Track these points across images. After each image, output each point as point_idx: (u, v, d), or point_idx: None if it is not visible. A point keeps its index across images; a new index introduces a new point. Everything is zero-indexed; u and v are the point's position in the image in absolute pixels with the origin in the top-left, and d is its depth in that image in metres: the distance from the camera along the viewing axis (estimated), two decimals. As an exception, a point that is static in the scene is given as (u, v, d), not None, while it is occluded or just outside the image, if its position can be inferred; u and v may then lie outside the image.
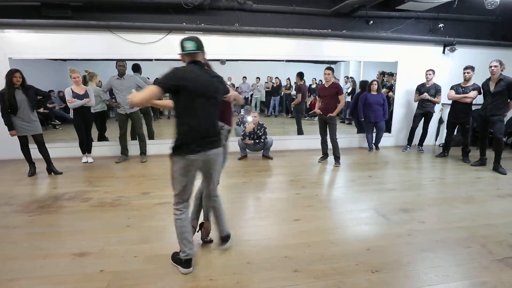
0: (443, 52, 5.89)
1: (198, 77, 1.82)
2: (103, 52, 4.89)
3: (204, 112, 1.86)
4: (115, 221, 2.78)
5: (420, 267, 2.06)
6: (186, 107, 1.80)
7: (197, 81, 1.80)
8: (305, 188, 3.64)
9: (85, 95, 4.46)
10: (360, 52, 5.65)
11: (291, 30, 5.17)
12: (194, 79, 1.79)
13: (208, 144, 1.89)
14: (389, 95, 6.03)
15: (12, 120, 3.86)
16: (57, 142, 5.24)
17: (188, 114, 1.81)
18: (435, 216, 2.86)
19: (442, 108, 6.00)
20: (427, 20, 5.68)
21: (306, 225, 2.70)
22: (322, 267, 2.06)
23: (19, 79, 3.79)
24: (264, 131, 4.93)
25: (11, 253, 2.27)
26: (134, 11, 4.78)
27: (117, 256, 2.21)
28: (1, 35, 4.59)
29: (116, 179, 4.07)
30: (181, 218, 1.96)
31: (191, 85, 1.77)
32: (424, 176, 4.26)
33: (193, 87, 1.78)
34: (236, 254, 2.23)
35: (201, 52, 1.89)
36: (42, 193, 3.61)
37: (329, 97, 4.48)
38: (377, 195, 3.41)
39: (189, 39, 1.85)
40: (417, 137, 5.67)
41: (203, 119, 1.86)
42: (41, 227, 2.69)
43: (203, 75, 1.86)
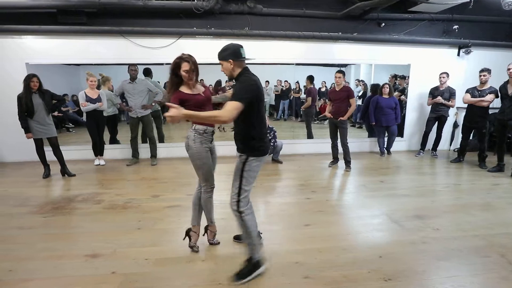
0: (458, 55, 5.76)
1: (260, 84, 1.92)
2: (115, 56, 4.99)
3: (264, 116, 2.00)
4: (126, 223, 2.81)
5: (435, 277, 2.00)
6: (258, 114, 1.91)
7: (261, 88, 1.92)
8: (315, 193, 3.60)
9: (97, 99, 4.56)
10: (372, 55, 5.59)
11: (301, 34, 5.15)
12: (260, 86, 1.90)
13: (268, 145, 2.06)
14: (401, 98, 5.92)
15: (29, 123, 3.97)
16: (71, 145, 5.36)
17: (260, 119, 1.94)
18: (450, 224, 2.78)
19: (457, 112, 5.86)
20: (441, 22, 5.57)
21: (316, 230, 2.66)
22: (333, 274, 2.02)
23: (36, 83, 3.90)
24: (273, 134, 4.91)
25: (26, 253, 2.32)
26: (145, 17, 4.86)
27: (128, 258, 2.23)
28: (18, 41, 4.75)
29: (127, 181, 4.13)
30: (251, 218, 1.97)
31: (262, 92, 1.90)
32: (438, 182, 4.15)
33: (262, 95, 1.91)
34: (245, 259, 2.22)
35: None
36: (56, 194, 3.69)
37: (340, 101, 4.44)
38: (389, 201, 3.34)
39: (242, 46, 1.93)
40: (431, 142, 5.54)
41: (265, 122, 2.02)
42: (55, 228, 2.75)
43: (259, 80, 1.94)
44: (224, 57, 1.89)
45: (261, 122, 1.95)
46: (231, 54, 1.87)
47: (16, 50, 4.76)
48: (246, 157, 1.93)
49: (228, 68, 1.90)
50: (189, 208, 3.10)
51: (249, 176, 1.93)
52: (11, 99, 3.98)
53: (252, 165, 1.93)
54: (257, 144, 1.92)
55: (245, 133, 1.93)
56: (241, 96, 1.76)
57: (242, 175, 1.92)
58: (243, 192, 1.93)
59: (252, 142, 1.92)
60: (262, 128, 1.96)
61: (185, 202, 3.27)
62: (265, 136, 1.99)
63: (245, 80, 1.86)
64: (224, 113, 1.70)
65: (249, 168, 1.93)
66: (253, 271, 1.97)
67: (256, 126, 1.92)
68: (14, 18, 4.59)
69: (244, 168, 1.92)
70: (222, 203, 2.76)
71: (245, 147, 1.94)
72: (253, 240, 1.97)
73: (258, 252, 1.99)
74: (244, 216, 1.93)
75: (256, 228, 2.01)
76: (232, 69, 1.89)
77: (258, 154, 1.94)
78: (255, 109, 1.86)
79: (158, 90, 4.91)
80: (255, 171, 1.96)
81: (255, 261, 1.99)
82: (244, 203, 1.94)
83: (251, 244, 1.97)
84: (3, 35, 4.68)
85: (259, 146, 1.93)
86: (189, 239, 2.33)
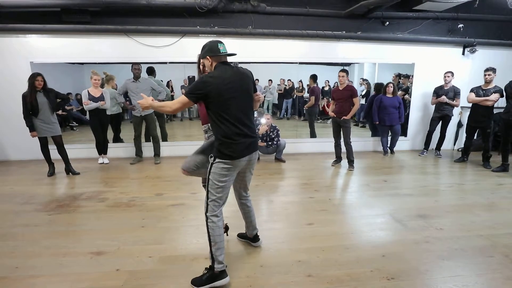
0: (463, 54, 5.72)
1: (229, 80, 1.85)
2: (119, 55, 5.01)
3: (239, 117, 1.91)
4: (130, 221, 2.84)
5: (438, 276, 2.00)
6: (224, 114, 1.84)
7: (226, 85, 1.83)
8: (318, 192, 3.61)
9: (100, 97, 4.58)
10: (376, 53, 5.57)
11: (305, 32, 5.15)
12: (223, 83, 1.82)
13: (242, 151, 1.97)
14: (405, 97, 5.90)
15: (33, 122, 4.00)
16: (74, 143, 5.40)
17: (226, 120, 1.86)
18: (454, 223, 2.77)
19: (461, 111, 5.82)
20: (446, 21, 5.53)
21: (319, 229, 2.66)
22: (336, 272, 2.03)
23: (40, 82, 3.93)
24: (277, 133, 4.91)
25: (33, 250, 2.34)
26: (149, 15, 4.87)
27: (132, 255, 2.25)
28: (23, 40, 4.79)
29: (131, 180, 4.15)
30: (216, 228, 1.87)
31: (224, 90, 1.81)
32: (442, 181, 4.13)
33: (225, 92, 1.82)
34: (249, 257, 2.23)
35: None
36: (61, 192, 3.72)
37: (344, 100, 4.43)
38: (392, 200, 3.34)
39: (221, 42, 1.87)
40: (434, 141, 5.52)
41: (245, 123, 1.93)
42: (60, 226, 2.77)
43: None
44: (202, 55, 1.87)
45: (229, 123, 1.78)
46: (208, 51, 1.82)
47: (20, 49, 4.80)
48: (214, 159, 1.84)
49: (208, 66, 1.86)
50: (192, 207, 3.15)
51: (214, 179, 1.83)
52: (16, 98, 4.03)
53: (217, 168, 1.82)
54: (222, 146, 1.80)
55: (214, 133, 1.86)
56: (188, 91, 1.76)
57: (209, 177, 1.86)
58: (210, 195, 1.86)
59: (218, 143, 1.82)
60: (232, 129, 1.79)
61: (189, 201, 3.29)
62: (237, 138, 1.81)
63: (204, 76, 1.80)
64: (169, 104, 1.79)
65: (215, 171, 1.83)
66: (211, 281, 1.85)
67: (222, 126, 1.78)
68: (19, 17, 4.63)
69: (211, 170, 1.85)
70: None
71: (215, 148, 1.85)
72: (213, 249, 1.86)
73: (218, 264, 1.86)
74: (209, 222, 1.86)
75: (220, 239, 1.86)
76: (212, 66, 1.85)
77: (224, 158, 1.80)
78: (215, 108, 1.78)
79: (161, 89, 4.93)
80: (222, 175, 1.82)
81: (217, 271, 1.86)
82: (211, 208, 1.86)
83: (211, 253, 1.86)
84: (8, 34, 4.72)
85: (225, 149, 1.80)
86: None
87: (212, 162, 1.85)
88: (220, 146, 1.81)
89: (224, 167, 1.82)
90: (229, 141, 1.79)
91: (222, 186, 1.85)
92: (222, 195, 1.88)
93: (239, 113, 1.82)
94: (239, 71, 1.87)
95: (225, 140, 1.79)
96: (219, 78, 1.76)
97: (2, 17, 4.59)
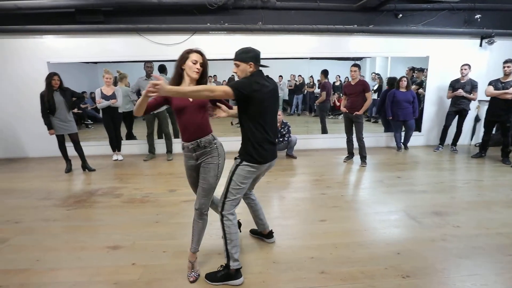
0: (480, 45, 5.52)
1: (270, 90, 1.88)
2: (131, 54, 5.08)
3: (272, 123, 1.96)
4: (144, 216, 2.89)
5: (455, 275, 1.95)
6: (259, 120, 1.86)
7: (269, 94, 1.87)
8: (330, 188, 3.58)
9: (112, 95, 4.66)
10: (388, 47, 5.44)
11: (315, 27, 5.08)
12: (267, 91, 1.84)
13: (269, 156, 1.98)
14: (419, 92, 5.76)
15: (51, 120, 4.12)
16: (90, 141, 5.53)
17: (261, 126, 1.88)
18: (472, 221, 2.70)
19: (478, 105, 5.64)
20: (462, 11, 5.35)
21: (332, 226, 2.65)
22: (350, 269, 2.01)
23: (57, 81, 4.03)
24: (288, 129, 4.89)
25: (52, 244, 2.43)
26: (160, 14, 4.91)
27: (147, 250, 2.30)
28: (40, 41, 4.92)
29: (145, 176, 4.23)
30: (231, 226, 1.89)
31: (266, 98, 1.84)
32: (458, 177, 4.03)
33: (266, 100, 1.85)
34: (261, 253, 2.24)
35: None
36: (78, 188, 3.83)
37: (356, 95, 4.36)
38: (406, 197, 3.28)
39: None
40: (450, 136, 5.37)
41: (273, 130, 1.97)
42: (77, 221, 2.86)
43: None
44: (244, 59, 1.81)
45: (263, 129, 1.83)
46: (254, 58, 1.82)
47: (37, 49, 4.94)
48: (240, 161, 1.87)
49: (245, 70, 1.83)
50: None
51: (237, 180, 1.86)
52: (34, 97, 4.13)
53: (243, 170, 1.86)
54: (253, 150, 1.83)
55: (244, 136, 1.87)
56: (235, 85, 1.70)
57: (232, 178, 1.87)
58: (230, 195, 1.87)
59: (249, 147, 1.83)
60: (264, 135, 1.84)
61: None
62: (266, 145, 1.86)
63: (252, 77, 1.79)
64: (210, 88, 1.63)
65: (240, 173, 1.86)
66: (226, 280, 1.88)
67: (256, 132, 1.82)
68: (35, 18, 4.75)
69: (236, 171, 1.87)
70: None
71: (242, 150, 1.88)
72: (229, 247, 1.87)
73: (234, 261, 1.87)
74: (225, 220, 1.87)
75: (235, 237, 1.89)
76: (248, 72, 1.83)
77: (253, 161, 1.85)
78: (253, 112, 1.79)
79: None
80: (246, 177, 1.88)
81: (232, 270, 1.87)
82: (228, 207, 1.88)
83: (227, 252, 1.87)
84: (25, 35, 4.86)
85: (256, 153, 1.83)
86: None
87: (237, 164, 1.88)
88: (252, 150, 1.83)
89: (250, 170, 1.87)
90: (260, 146, 1.84)
91: (243, 188, 1.90)
92: (241, 195, 1.92)
93: (271, 121, 1.90)
94: (272, 80, 1.93)
95: (257, 145, 1.83)
96: (263, 86, 1.80)
97: (20, 19, 4.72)
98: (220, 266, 1.94)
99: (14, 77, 5.03)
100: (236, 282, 1.88)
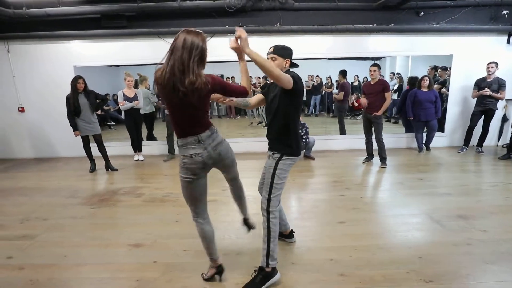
0: (508, 42, 5.27)
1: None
2: (153, 57, 5.20)
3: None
4: (165, 216, 2.97)
5: (481, 281, 1.88)
6: (298, 112, 1.98)
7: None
8: (349, 190, 3.53)
9: (134, 98, 4.81)
10: (409, 46, 5.30)
11: (334, 27, 5.02)
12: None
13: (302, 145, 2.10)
14: (442, 91, 5.57)
15: (76, 121, 4.30)
16: (112, 142, 5.73)
17: (299, 117, 2.01)
18: (499, 225, 2.58)
19: (506, 104, 5.39)
20: (488, 7, 5.12)
21: (351, 228, 2.61)
22: (370, 272, 1.98)
23: (82, 84, 4.21)
24: (305, 131, 4.86)
25: (78, 241, 2.54)
26: (180, 17, 5.02)
27: (168, 248, 2.36)
28: (67, 46, 5.17)
29: (165, 176, 4.34)
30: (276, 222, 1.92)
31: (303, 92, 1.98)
32: (484, 180, 3.86)
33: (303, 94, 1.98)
34: (280, 254, 2.23)
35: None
36: (102, 187, 3.98)
37: (375, 95, 4.29)
38: (429, 200, 3.18)
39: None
40: (476, 137, 5.16)
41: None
42: (101, 219, 2.98)
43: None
44: (283, 55, 1.92)
45: (299, 120, 1.97)
46: (290, 55, 1.96)
47: (65, 54, 5.19)
48: (281, 156, 1.92)
49: (280, 65, 1.90)
50: (224, 203, 3.22)
51: (281, 174, 1.91)
52: (63, 99, 4.30)
53: (285, 164, 1.92)
54: (294, 142, 1.91)
55: (285, 129, 1.91)
56: (295, 78, 1.78)
57: (275, 173, 1.90)
58: (275, 190, 1.90)
59: (290, 140, 1.91)
60: (299, 127, 1.99)
61: (220, 197, 3.37)
62: (300, 135, 1.99)
63: (294, 73, 1.87)
64: (280, 71, 1.69)
65: (282, 167, 1.92)
66: (266, 280, 1.85)
67: (296, 122, 1.94)
68: (63, 24, 4.99)
69: (278, 166, 1.91)
70: (256, 198, 2.80)
71: (282, 145, 1.92)
72: (271, 246, 1.87)
73: (272, 260, 1.87)
74: (271, 217, 1.88)
75: (277, 235, 1.92)
76: (283, 68, 1.91)
77: (293, 154, 1.93)
78: (298, 104, 1.91)
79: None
80: (287, 170, 1.95)
81: (268, 270, 1.86)
82: (274, 202, 1.90)
83: (268, 250, 1.86)
84: (54, 40, 5.12)
85: (296, 144, 1.93)
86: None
87: (278, 159, 1.92)
88: (293, 143, 1.91)
89: (291, 163, 1.95)
90: (297, 138, 1.95)
91: (285, 182, 1.96)
92: (283, 189, 1.98)
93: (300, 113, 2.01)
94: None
95: (296, 137, 1.94)
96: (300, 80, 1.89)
97: (49, 25, 4.98)
98: (254, 271, 1.91)
99: (44, 80, 5.31)
100: (275, 279, 1.88)
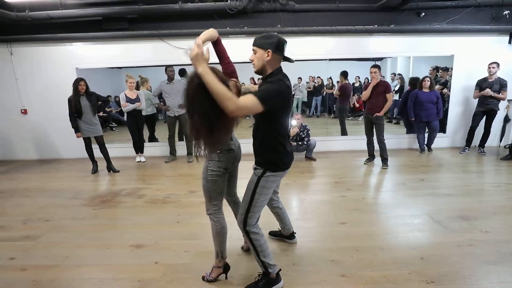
0: (509, 42, 5.25)
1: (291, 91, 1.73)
2: (154, 59, 5.26)
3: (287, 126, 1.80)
4: (166, 217, 2.98)
5: (484, 281, 1.87)
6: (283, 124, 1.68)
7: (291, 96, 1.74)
8: (350, 191, 3.53)
9: (136, 99, 4.83)
10: (410, 47, 5.30)
11: (335, 28, 5.03)
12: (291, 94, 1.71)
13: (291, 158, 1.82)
14: (444, 92, 5.56)
15: (78, 123, 4.32)
16: (114, 143, 5.75)
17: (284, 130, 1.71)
18: (501, 226, 2.57)
19: (508, 105, 5.37)
20: (489, 8, 5.11)
21: (353, 229, 2.61)
22: (372, 273, 1.98)
23: (83, 86, 4.23)
24: (307, 133, 4.86)
25: (80, 242, 2.55)
26: (181, 19, 5.04)
27: (169, 249, 2.36)
28: (69, 48, 5.20)
29: (166, 177, 4.35)
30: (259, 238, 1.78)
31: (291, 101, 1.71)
32: (486, 180, 3.85)
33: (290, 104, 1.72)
34: (281, 255, 2.25)
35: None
36: (103, 189, 4.00)
37: (376, 96, 4.28)
38: (430, 200, 3.17)
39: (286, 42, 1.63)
40: (477, 138, 5.14)
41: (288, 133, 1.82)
42: (103, 220, 2.98)
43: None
44: (262, 45, 1.57)
45: (285, 133, 1.70)
46: (272, 44, 1.55)
47: (67, 56, 5.22)
48: (263, 171, 1.69)
49: (261, 59, 1.58)
50: (225, 204, 3.18)
51: (262, 192, 1.70)
52: (65, 101, 4.30)
53: (267, 181, 1.70)
54: (278, 158, 1.68)
55: (267, 145, 1.67)
56: (266, 97, 1.46)
57: (255, 191, 1.70)
58: (254, 209, 1.72)
59: (274, 155, 1.67)
60: (286, 140, 1.72)
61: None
62: (289, 148, 1.72)
63: (278, 82, 1.54)
64: (236, 101, 1.37)
65: (264, 185, 1.69)
66: (269, 287, 1.82)
67: (280, 138, 1.66)
68: (65, 27, 5.02)
69: (259, 183, 1.69)
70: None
71: (265, 160, 1.69)
72: (262, 259, 1.77)
73: (271, 267, 1.79)
74: (251, 235, 1.74)
75: (265, 246, 1.78)
76: (265, 62, 1.58)
77: (277, 169, 1.70)
78: (281, 118, 1.63)
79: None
80: (269, 188, 1.73)
81: (273, 275, 1.81)
82: (252, 221, 1.74)
83: (261, 261, 1.78)
84: (56, 43, 5.14)
85: (281, 160, 1.69)
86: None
87: (260, 176, 1.69)
88: (276, 157, 1.68)
89: (274, 180, 1.73)
90: (282, 152, 1.69)
91: (267, 199, 1.77)
92: (263, 207, 1.80)
93: (286, 124, 1.73)
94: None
95: (281, 151, 1.68)
96: (288, 87, 1.60)
97: (51, 27, 5.01)
98: (258, 275, 1.88)
99: (46, 82, 5.34)
100: (279, 286, 1.84)
